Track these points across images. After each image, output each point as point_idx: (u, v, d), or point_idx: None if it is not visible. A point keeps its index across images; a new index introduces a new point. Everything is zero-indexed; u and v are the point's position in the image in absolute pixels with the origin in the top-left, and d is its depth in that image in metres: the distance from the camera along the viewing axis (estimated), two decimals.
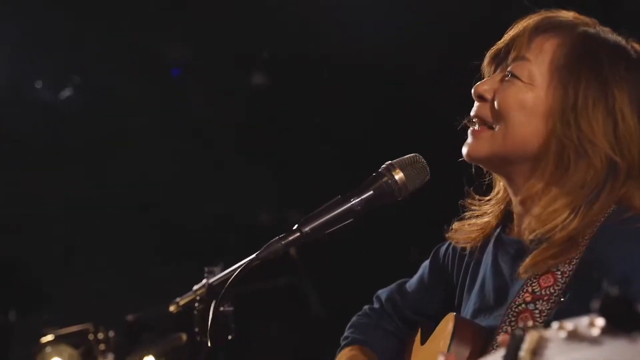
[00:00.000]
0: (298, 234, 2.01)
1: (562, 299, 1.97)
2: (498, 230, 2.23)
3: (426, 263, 2.48)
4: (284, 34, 5.02)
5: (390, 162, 2.09)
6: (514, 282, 2.09)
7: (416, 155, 2.10)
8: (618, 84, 2.01)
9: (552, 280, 1.99)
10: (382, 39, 4.68)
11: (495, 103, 2.08)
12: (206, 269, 2.66)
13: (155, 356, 4.27)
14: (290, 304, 5.07)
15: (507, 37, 2.13)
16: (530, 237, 2.03)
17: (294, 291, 4.94)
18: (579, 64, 2.03)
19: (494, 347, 1.98)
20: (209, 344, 2.26)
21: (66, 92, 5.16)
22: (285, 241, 2.00)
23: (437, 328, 2.22)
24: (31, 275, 5.17)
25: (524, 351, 1.32)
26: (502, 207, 2.24)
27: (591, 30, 2.09)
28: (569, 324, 1.20)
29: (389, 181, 2.05)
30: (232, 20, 5.01)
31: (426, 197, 2.25)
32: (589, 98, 2.00)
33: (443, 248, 2.44)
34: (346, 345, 2.51)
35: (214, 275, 2.60)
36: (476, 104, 2.13)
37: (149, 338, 4.41)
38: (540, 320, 1.96)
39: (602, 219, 2.01)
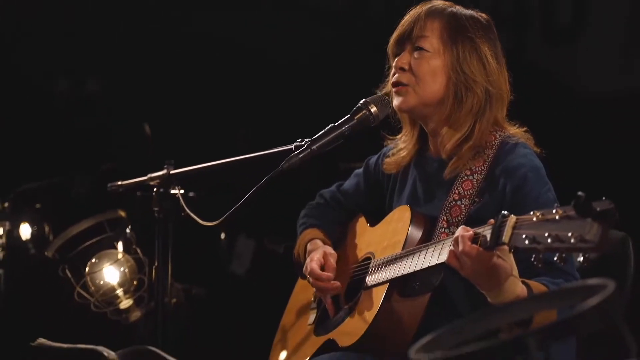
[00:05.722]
0: (309, 150, 2.91)
1: (476, 199, 2.97)
2: (415, 155, 3.19)
3: (360, 171, 3.44)
4: None
5: (365, 99, 3.03)
6: (439, 186, 3.08)
7: (383, 95, 3.05)
8: (480, 40, 3.03)
9: (470, 185, 2.99)
10: None
11: (413, 71, 3.02)
12: (166, 162, 3.43)
13: (30, 224, 4.96)
14: None
15: (405, 24, 3.07)
16: (447, 149, 3.01)
17: None
18: (455, 33, 3.02)
19: (439, 229, 2.98)
20: (202, 222, 3.13)
21: None
22: (301, 156, 2.90)
23: (390, 215, 3.18)
24: None
25: (507, 226, 2.31)
26: (414, 140, 3.19)
27: (454, 9, 3.09)
28: (539, 212, 2.18)
29: (367, 113, 2.99)
30: None
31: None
32: (466, 52, 3.01)
33: (372, 160, 3.40)
34: (304, 229, 3.44)
35: (172, 167, 3.39)
36: (397, 74, 3.05)
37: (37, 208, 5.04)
38: (465, 212, 2.96)
39: (498, 142, 3.01)
